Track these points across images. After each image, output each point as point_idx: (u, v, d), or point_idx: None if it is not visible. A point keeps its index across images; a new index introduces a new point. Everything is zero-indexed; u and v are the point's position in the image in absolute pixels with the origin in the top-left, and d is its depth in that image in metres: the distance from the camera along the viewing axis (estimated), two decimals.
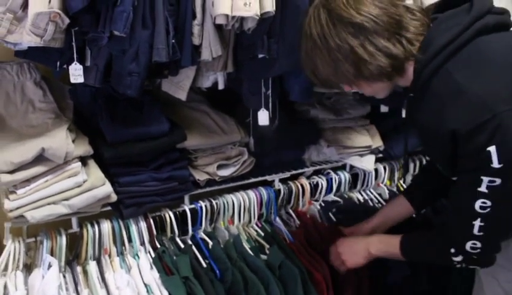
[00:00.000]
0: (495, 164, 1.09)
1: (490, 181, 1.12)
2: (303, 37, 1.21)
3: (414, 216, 1.86)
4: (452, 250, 1.27)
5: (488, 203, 1.15)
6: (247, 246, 1.59)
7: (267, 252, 1.59)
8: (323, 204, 1.90)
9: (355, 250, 1.53)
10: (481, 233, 1.20)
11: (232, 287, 1.46)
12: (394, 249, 1.42)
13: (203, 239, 1.62)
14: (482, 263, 1.32)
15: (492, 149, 1.08)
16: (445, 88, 1.13)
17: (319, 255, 1.60)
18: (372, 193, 2.04)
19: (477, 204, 1.16)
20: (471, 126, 1.08)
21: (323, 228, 1.76)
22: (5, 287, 1.33)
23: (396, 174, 2.10)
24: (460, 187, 1.22)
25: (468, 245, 1.23)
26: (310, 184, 1.86)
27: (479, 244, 1.22)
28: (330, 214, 1.86)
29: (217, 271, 1.50)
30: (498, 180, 1.11)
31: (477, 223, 1.19)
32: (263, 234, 1.70)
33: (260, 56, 1.38)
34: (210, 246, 1.59)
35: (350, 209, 1.90)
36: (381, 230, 1.64)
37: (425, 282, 1.77)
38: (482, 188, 1.14)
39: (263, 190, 1.75)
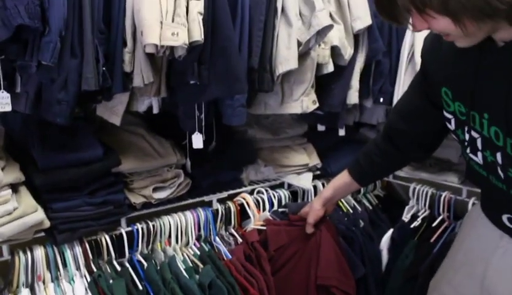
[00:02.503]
0: None
1: None
2: None
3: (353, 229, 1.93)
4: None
5: None
6: (182, 267, 1.59)
7: (200, 271, 1.61)
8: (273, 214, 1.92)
9: None
10: None
11: None
12: None
13: (139, 262, 1.63)
14: None
15: None
16: None
17: (258, 270, 1.63)
18: None
19: None
20: None
21: (283, 223, 1.79)
22: None
23: None
24: None
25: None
26: (253, 199, 1.88)
27: None
28: (281, 212, 1.87)
29: (151, 294, 1.50)
30: None
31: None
32: (199, 253, 1.72)
33: (192, 82, 1.41)
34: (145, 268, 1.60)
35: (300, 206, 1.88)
36: (331, 204, 1.68)
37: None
38: None
39: (200, 211, 1.76)
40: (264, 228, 1.76)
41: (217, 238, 1.81)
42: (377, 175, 1.75)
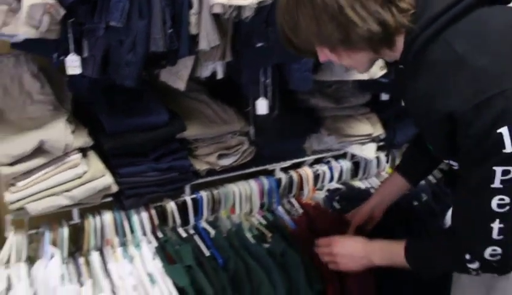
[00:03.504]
0: (508, 149, 0.92)
1: (504, 172, 0.96)
2: None
3: (415, 203, 1.86)
4: (467, 257, 1.11)
5: (507, 200, 0.99)
6: (249, 235, 1.59)
7: (269, 240, 1.59)
8: (327, 193, 1.90)
9: (354, 256, 1.40)
10: (501, 237, 1.03)
11: (235, 276, 1.46)
12: (398, 257, 1.27)
13: (205, 229, 1.63)
14: (500, 270, 1.12)
15: (504, 130, 0.91)
16: (442, 58, 0.99)
17: None
18: (374, 181, 2.03)
19: (494, 203, 1.00)
20: (474, 103, 0.92)
21: (327, 215, 1.75)
22: (8, 279, 1.34)
23: (398, 162, 2.09)
24: (469, 186, 1.05)
25: (488, 252, 1.06)
26: (313, 172, 1.85)
27: (499, 250, 1.05)
28: (334, 202, 1.86)
29: (220, 260, 1.50)
30: None
31: (496, 225, 1.02)
32: (265, 223, 1.70)
33: (258, 45, 1.37)
34: (212, 235, 1.60)
35: (353, 196, 1.88)
36: (380, 209, 1.61)
37: None
38: (496, 184, 0.97)
39: (264, 180, 1.74)
40: None
41: (280, 208, 1.79)
42: (428, 172, 1.70)
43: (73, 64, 1.27)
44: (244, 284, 1.44)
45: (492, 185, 0.98)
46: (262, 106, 1.55)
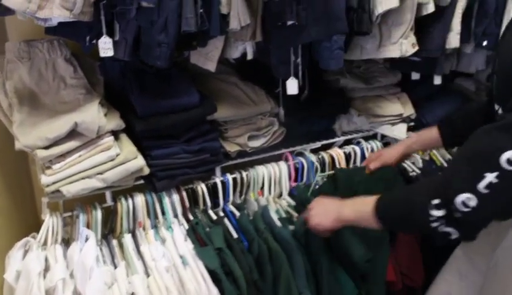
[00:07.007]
0: None
1: None
2: None
3: None
4: (436, 201, 1.02)
5: None
6: (275, 217, 1.58)
7: (295, 221, 1.58)
8: None
9: (326, 211, 1.34)
10: (486, 192, 0.96)
11: (259, 258, 1.47)
12: (367, 206, 1.19)
13: (232, 212, 1.63)
14: (462, 231, 1.03)
15: None
16: None
17: None
18: (405, 162, 2.00)
19: (506, 155, 0.93)
20: None
21: None
22: (46, 260, 1.36)
23: None
24: (501, 125, 0.97)
25: (461, 198, 0.98)
26: (344, 153, 1.83)
27: (473, 203, 0.97)
28: None
29: (245, 243, 1.50)
30: None
31: (490, 177, 0.95)
32: (293, 204, 1.69)
33: (289, 23, 1.36)
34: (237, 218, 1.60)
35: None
36: (412, 149, 1.61)
37: None
38: None
39: (301, 159, 1.73)
40: None
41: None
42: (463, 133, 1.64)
43: (105, 46, 1.27)
44: (266, 267, 1.45)
45: None
46: (292, 86, 1.53)
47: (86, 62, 1.53)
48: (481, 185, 0.95)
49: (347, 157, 1.86)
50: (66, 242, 1.47)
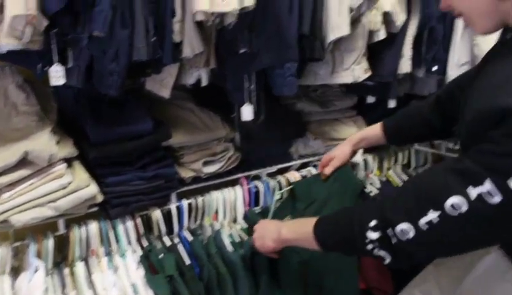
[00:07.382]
0: None
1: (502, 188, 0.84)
2: None
3: None
4: (373, 223, 0.98)
5: (464, 208, 0.87)
6: (227, 241, 1.57)
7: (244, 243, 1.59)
8: None
9: (267, 232, 1.32)
10: (425, 228, 0.92)
11: (208, 284, 1.46)
12: (307, 227, 1.16)
13: (186, 238, 1.62)
14: (394, 256, 0.99)
15: None
16: None
17: None
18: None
19: (452, 200, 0.89)
20: None
21: None
22: None
23: (385, 164, 2.11)
24: (456, 169, 0.91)
25: (400, 227, 0.94)
26: (301, 176, 1.85)
27: (411, 235, 0.93)
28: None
29: (196, 269, 1.50)
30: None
31: (432, 215, 0.91)
32: (246, 227, 1.69)
33: (242, 51, 1.38)
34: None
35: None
36: (359, 147, 1.58)
37: None
38: (484, 187, 0.85)
39: (258, 183, 1.74)
40: None
41: None
42: (408, 140, 1.69)
43: (57, 75, 1.26)
44: (215, 292, 1.45)
45: (479, 185, 0.86)
46: (247, 112, 1.55)
47: (40, 88, 1.50)
48: (422, 221, 0.92)
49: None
50: (16, 270, 1.44)
